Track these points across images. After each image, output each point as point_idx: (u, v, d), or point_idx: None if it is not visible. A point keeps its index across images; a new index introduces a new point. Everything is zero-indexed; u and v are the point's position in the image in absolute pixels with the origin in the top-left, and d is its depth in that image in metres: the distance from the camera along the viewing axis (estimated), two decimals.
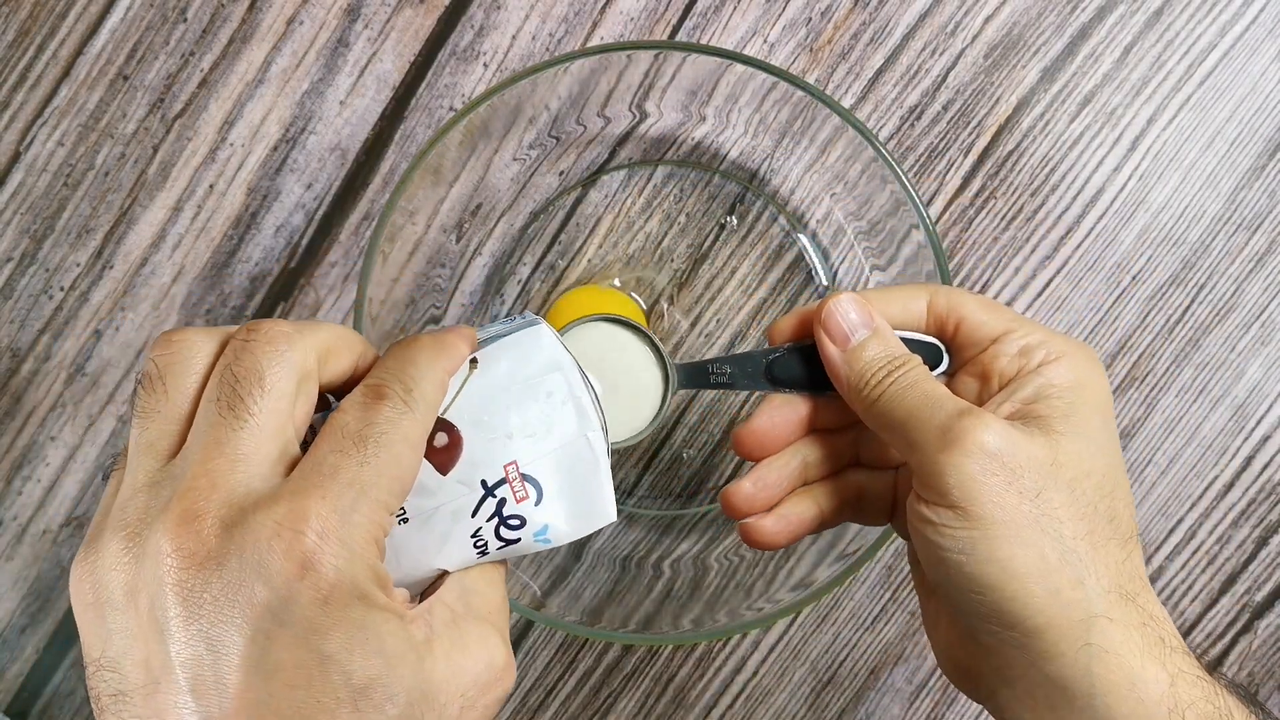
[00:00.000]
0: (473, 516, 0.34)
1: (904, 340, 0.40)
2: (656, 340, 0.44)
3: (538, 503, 0.34)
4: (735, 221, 0.57)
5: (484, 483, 0.34)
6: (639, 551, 0.56)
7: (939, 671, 0.56)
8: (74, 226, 0.57)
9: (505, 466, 0.34)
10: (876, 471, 0.42)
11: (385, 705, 0.29)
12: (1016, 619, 0.34)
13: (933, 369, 0.40)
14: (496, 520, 0.34)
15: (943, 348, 0.41)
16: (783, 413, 0.41)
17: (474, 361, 0.35)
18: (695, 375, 0.43)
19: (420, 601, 0.33)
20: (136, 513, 0.30)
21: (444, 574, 0.35)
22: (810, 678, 0.56)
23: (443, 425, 0.34)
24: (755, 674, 0.56)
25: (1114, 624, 0.34)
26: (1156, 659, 0.34)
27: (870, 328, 0.39)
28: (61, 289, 0.57)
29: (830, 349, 0.40)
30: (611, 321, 0.44)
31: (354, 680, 0.29)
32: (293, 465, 0.31)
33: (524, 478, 0.34)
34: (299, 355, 0.31)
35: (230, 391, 0.30)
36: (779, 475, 0.41)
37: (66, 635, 0.58)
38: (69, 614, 0.58)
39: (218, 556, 0.28)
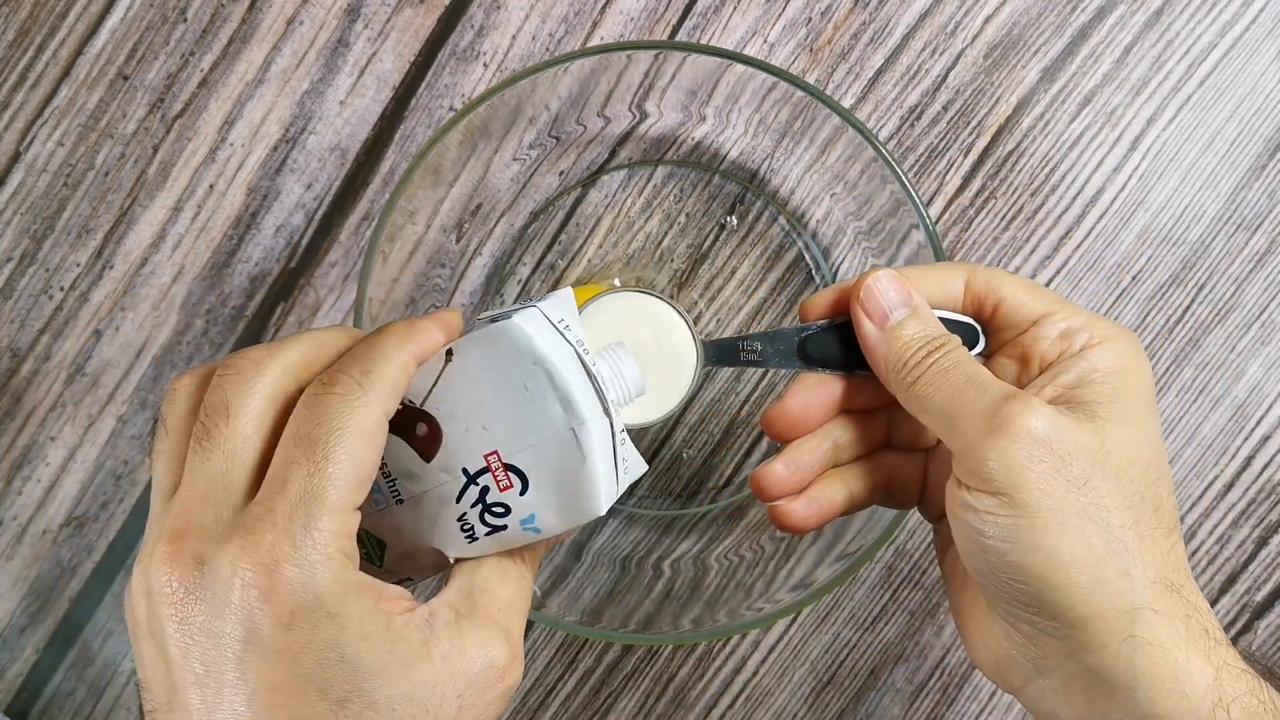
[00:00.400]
0: (457, 502, 0.34)
1: (941, 320, 0.39)
2: (685, 315, 0.43)
3: (523, 492, 0.34)
4: (735, 221, 0.57)
5: (465, 471, 0.34)
6: (639, 551, 0.56)
7: (939, 671, 0.56)
8: (74, 226, 0.57)
9: (486, 456, 0.34)
10: (907, 454, 0.42)
11: (366, 713, 0.30)
12: (1060, 609, 0.34)
13: (970, 349, 0.39)
14: (481, 507, 0.34)
15: (979, 328, 0.40)
16: (815, 393, 0.40)
17: (449, 353, 0.35)
18: (725, 352, 0.42)
19: (442, 587, 0.34)
20: (146, 547, 0.32)
21: (456, 563, 0.35)
22: (810, 678, 0.56)
23: (421, 415, 0.34)
24: (755, 674, 0.56)
25: (1159, 616, 0.33)
26: (1201, 652, 0.33)
27: (909, 306, 0.38)
28: (61, 289, 0.57)
29: (868, 327, 0.39)
30: (641, 293, 0.44)
31: (331, 695, 0.30)
32: None
33: (507, 468, 0.34)
34: (267, 380, 0.32)
35: (201, 427, 0.32)
36: (811, 457, 0.41)
37: (66, 635, 0.58)
38: (69, 614, 0.58)
39: (196, 592, 0.30)
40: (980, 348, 0.40)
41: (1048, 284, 0.56)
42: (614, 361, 0.37)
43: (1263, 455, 0.56)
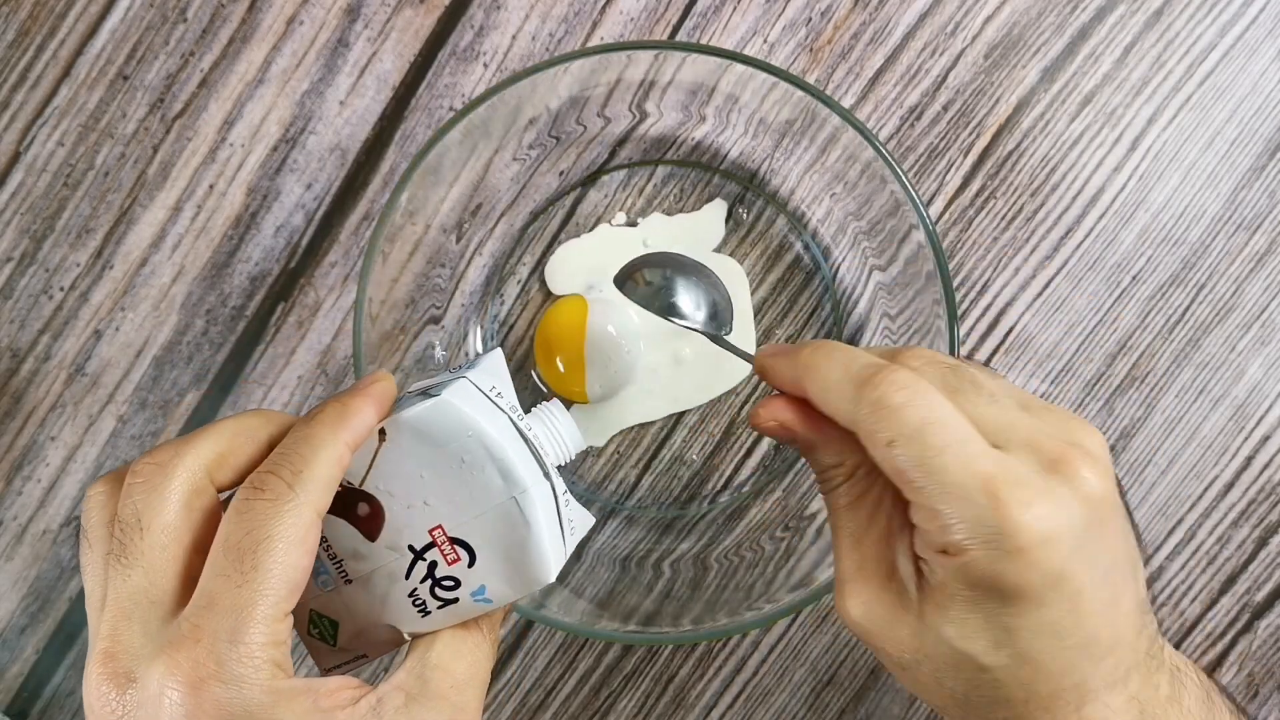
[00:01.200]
0: (406, 579, 0.34)
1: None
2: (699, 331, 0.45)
3: (470, 564, 0.34)
4: (735, 222, 0.57)
5: (411, 547, 0.34)
6: (639, 551, 0.56)
7: None
8: (74, 226, 0.57)
9: (430, 531, 0.34)
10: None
11: None
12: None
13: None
14: (430, 582, 0.34)
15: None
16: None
17: (382, 433, 0.34)
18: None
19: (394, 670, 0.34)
20: (85, 668, 0.32)
21: (410, 640, 0.35)
22: (810, 678, 0.56)
23: (361, 495, 0.34)
24: (755, 674, 0.56)
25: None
26: None
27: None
28: (61, 289, 0.57)
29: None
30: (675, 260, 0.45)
31: None
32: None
33: (453, 540, 0.34)
34: (177, 485, 0.32)
35: (117, 543, 0.31)
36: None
37: (66, 635, 0.58)
38: (69, 614, 0.58)
39: (129, 712, 0.30)
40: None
41: (1048, 284, 0.56)
42: (549, 421, 0.37)
43: (1263, 455, 0.56)
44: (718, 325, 0.51)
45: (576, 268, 0.56)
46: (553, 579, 0.34)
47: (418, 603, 0.35)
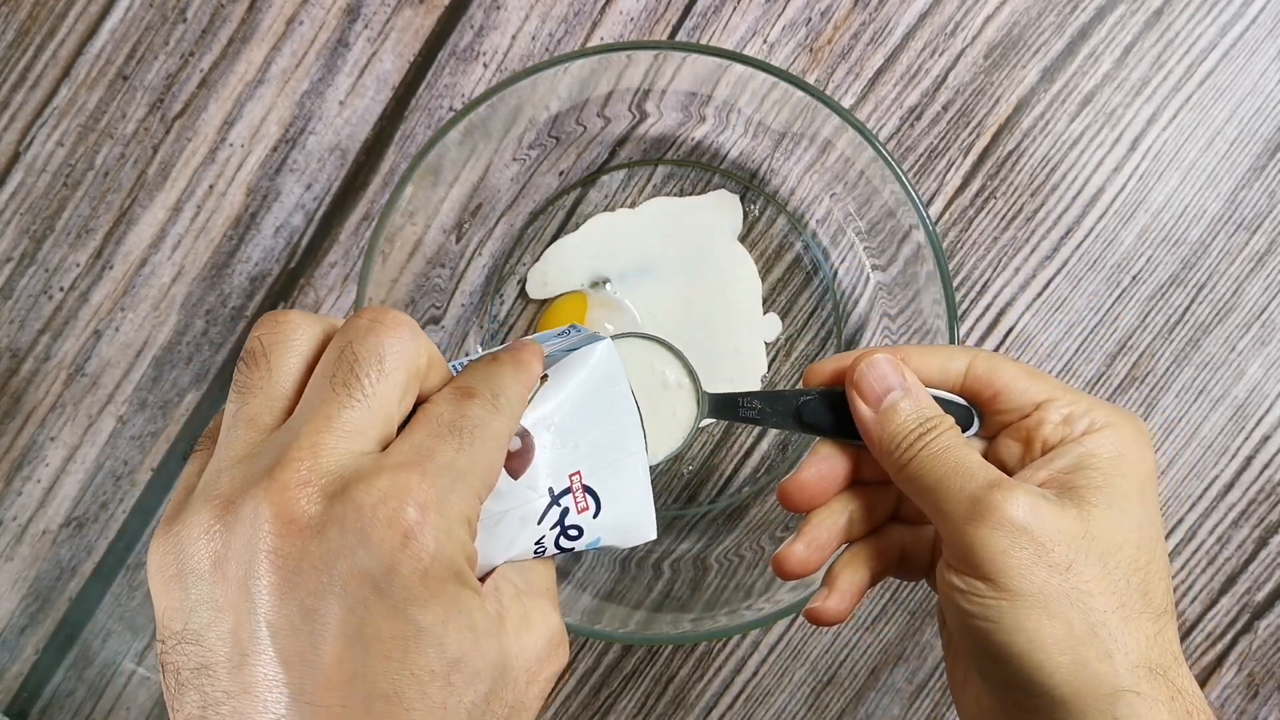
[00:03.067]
0: (538, 524, 0.35)
1: (937, 400, 0.39)
2: (691, 366, 0.44)
3: (596, 514, 0.35)
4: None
5: (551, 490, 0.35)
6: (639, 551, 0.56)
7: (939, 672, 0.56)
8: (74, 227, 0.57)
9: (570, 476, 0.35)
10: (916, 527, 0.42)
11: (474, 680, 0.29)
12: (1043, 688, 0.35)
13: (964, 430, 0.40)
14: (559, 530, 0.35)
15: (974, 410, 0.40)
16: (828, 464, 0.41)
17: (544, 377, 0.36)
18: (724, 406, 0.43)
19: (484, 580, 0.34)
20: (231, 482, 0.29)
21: None
22: (810, 678, 0.56)
23: (517, 430, 0.35)
24: (755, 674, 0.56)
25: (1141, 699, 0.34)
26: None
27: (904, 388, 0.39)
28: (61, 289, 0.57)
29: (862, 409, 0.39)
30: (648, 340, 0.44)
31: (447, 653, 0.29)
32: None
33: (586, 489, 0.35)
34: (416, 350, 0.32)
35: (348, 370, 0.30)
36: (828, 534, 0.41)
37: (66, 636, 0.58)
38: (69, 614, 0.58)
39: (318, 524, 0.28)
40: (975, 429, 0.40)
41: (1048, 284, 0.56)
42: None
43: (1263, 455, 0.56)
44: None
45: (571, 265, 0.56)
46: (654, 536, 0.36)
47: (539, 548, 0.35)
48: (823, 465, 0.41)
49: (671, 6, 0.56)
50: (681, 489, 0.57)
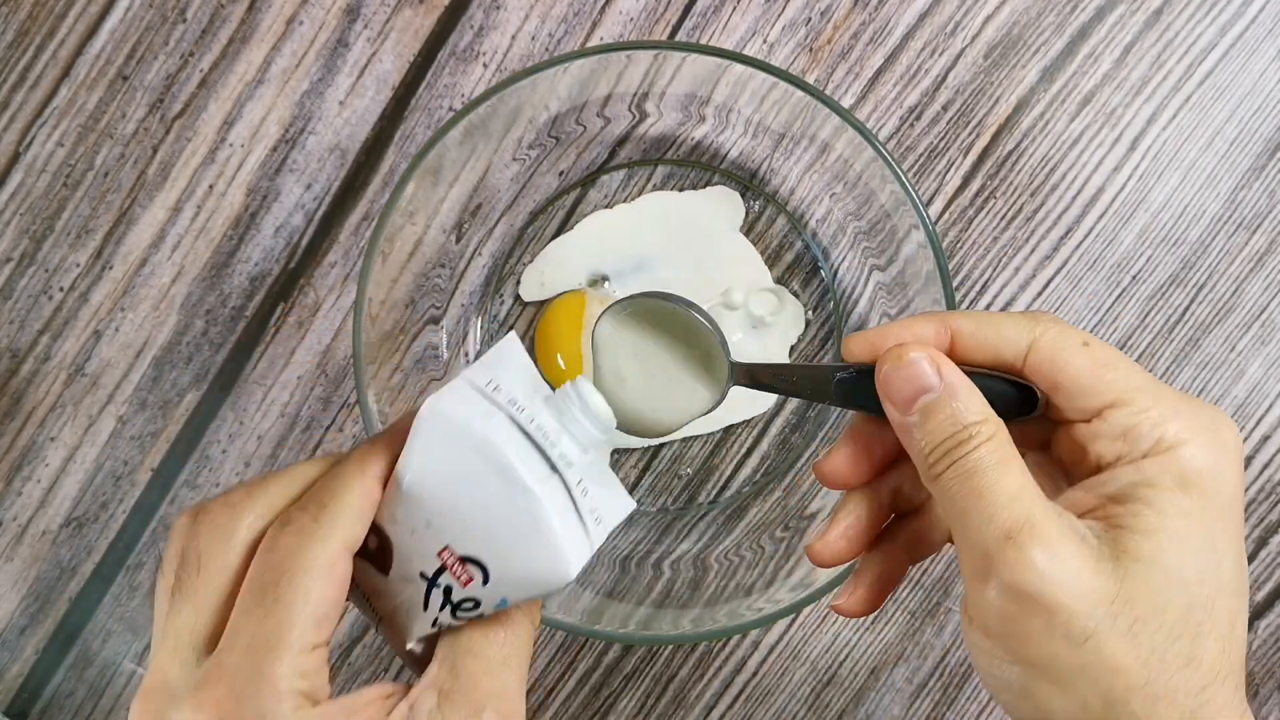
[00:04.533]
0: (425, 610, 0.33)
1: (988, 378, 0.34)
2: (718, 329, 0.40)
3: (485, 581, 0.32)
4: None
5: (423, 575, 0.33)
6: (639, 551, 0.56)
7: (939, 671, 0.56)
8: (73, 227, 0.57)
9: (439, 554, 0.32)
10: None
11: None
12: None
13: (1026, 413, 0.34)
14: (449, 608, 0.33)
15: (1037, 392, 0.34)
16: (866, 441, 0.36)
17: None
18: (755, 373, 0.39)
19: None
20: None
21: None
22: (810, 678, 0.56)
23: (370, 529, 0.33)
24: (755, 674, 0.56)
25: None
26: None
27: (936, 390, 0.33)
28: (61, 289, 0.57)
29: (893, 414, 0.34)
30: (671, 301, 0.40)
31: None
32: None
33: (463, 560, 0.32)
34: (242, 527, 0.32)
35: (175, 578, 0.32)
36: (864, 519, 0.37)
37: (66, 636, 0.58)
38: (68, 615, 0.58)
39: None
40: (1037, 412, 0.35)
41: (1048, 284, 0.56)
42: (565, 406, 0.34)
43: (1263, 455, 0.56)
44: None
45: (569, 264, 0.56)
46: (572, 578, 0.32)
47: (439, 627, 0.33)
48: (858, 443, 0.36)
49: (671, 6, 0.56)
50: (681, 489, 0.57)
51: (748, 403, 0.56)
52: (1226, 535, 0.32)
